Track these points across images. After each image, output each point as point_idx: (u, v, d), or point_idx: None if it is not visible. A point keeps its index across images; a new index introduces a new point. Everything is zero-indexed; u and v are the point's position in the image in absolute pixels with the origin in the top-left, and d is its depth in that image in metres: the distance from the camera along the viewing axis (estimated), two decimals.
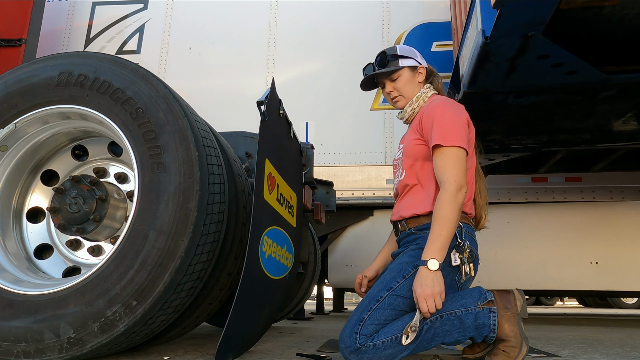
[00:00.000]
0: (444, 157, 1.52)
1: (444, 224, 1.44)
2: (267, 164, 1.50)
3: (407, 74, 1.73)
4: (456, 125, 1.55)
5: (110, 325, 1.28)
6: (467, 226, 1.58)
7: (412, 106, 1.72)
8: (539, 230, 3.66)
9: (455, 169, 1.50)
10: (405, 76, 1.73)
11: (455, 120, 1.56)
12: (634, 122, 2.38)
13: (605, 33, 1.86)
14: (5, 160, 1.63)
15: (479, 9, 1.80)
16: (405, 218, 1.63)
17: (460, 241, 1.51)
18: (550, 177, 3.68)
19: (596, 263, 3.55)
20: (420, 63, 1.76)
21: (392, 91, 1.75)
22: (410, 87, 1.73)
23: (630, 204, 3.60)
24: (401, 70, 1.73)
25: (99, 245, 1.65)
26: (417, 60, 1.75)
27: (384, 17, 4.00)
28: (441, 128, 1.54)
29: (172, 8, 4.26)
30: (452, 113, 1.58)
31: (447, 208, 1.45)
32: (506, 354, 1.43)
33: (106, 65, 1.51)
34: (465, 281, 1.54)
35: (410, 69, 1.74)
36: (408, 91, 1.73)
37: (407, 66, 1.73)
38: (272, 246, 1.55)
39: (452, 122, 1.55)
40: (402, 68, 1.73)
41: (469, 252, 1.50)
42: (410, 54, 1.76)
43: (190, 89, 3.95)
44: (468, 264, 1.50)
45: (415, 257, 1.51)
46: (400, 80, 1.73)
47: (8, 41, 3.52)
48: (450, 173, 1.49)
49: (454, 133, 1.53)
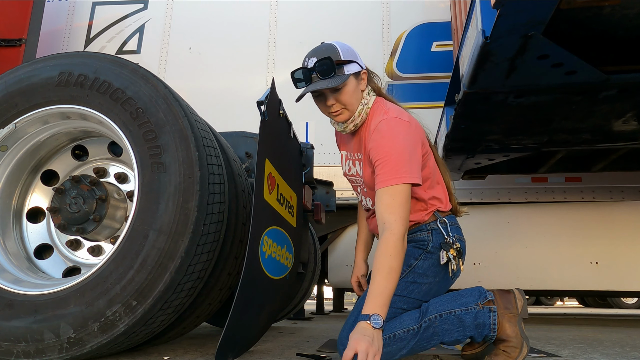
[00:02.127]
0: (393, 194, 1.36)
1: (391, 275, 1.28)
2: (267, 164, 1.50)
3: (352, 83, 1.48)
4: (406, 157, 1.39)
5: (110, 325, 1.28)
6: (451, 217, 1.60)
7: (354, 122, 1.52)
8: (539, 230, 3.66)
9: (402, 208, 1.35)
10: (350, 86, 1.47)
11: (405, 151, 1.40)
12: (634, 122, 2.38)
13: (605, 33, 1.86)
14: (5, 160, 1.63)
15: (479, 9, 1.80)
16: None
17: (447, 238, 1.51)
18: (550, 177, 3.68)
19: (596, 263, 3.55)
20: (362, 67, 1.52)
21: (334, 104, 1.48)
22: (356, 98, 1.50)
23: (630, 204, 3.60)
24: (347, 80, 1.46)
25: (99, 245, 1.65)
26: (359, 64, 1.50)
27: (384, 17, 4.00)
28: (391, 166, 1.38)
29: (172, 8, 4.26)
30: (401, 144, 1.41)
31: (394, 257, 1.30)
32: (507, 354, 1.43)
33: (106, 65, 1.51)
34: (457, 270, 1.55)
35: (354, 76, 1.49)
36: (353, 103, 1.49)
37: (352, 73, 1.47)
38: (272, 246, 1.55)
39: (401, 156, 1.39)
40: (347, 77, 1.46)
41: (456, 249, 1.51)
42: (352, 57, 1.49)
43: (190, 89, 3.94)
44: (456, 261, 1.50)
45: (409, 256, 1.51)
46: (346, 92, 1.47)
47: (8, 41, 3.52)
48: (398, 214, 1.34)
49: (404, 168, 1.37)
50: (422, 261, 1.51)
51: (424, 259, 1.51)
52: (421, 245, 1.53)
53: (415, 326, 1.41)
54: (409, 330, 1.41)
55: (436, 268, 1.50)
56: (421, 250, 1.52)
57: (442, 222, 1.55)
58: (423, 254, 1.52)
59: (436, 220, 1.56)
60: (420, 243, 1.54)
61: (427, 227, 1.55)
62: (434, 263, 1.50)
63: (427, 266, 1.50)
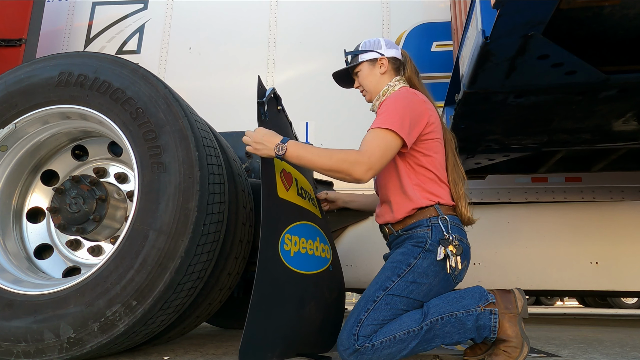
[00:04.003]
0: (375, 135, 1.51)
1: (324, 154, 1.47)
2: (276, 162, 1.50)
3: (366, 68, 1.77)
4: (399, 113, 1.53)
5: (110, 325, 1.28)
6: (453, 217, 1.59)
7: (379, 100, 1.73)
8: (539, 230, 3.66)
9: (378, 149, 1.48)
10: (364, 70, 1.77)
11: (400, 109, 1.55)
12: (634, 122, 2.38)
13: (605, 33, 1.86)
14: (5, 160, 1.63)
15: (479, 9, 1.80)
16: (391, 222, 1.64)
17: (446, 234, 1.51)
18: (550, 177, 3.67)
19: (596, 263, 3.55)
20: (382, 54, 1.76)
21: (359, 86, 1.81)
22: (371, 81, 1.76)
23: (630, 204, 3.59)
24: (360, 65, 1.78)
25: (99, 245, 1.65)
26: (379, 52, 1.76)
27: (384, 17, 4.00)
28: (383, 116, 1.54)
29: (172, 8, 4.26)
30: (400, 103, 1.57)
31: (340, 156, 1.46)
32: (507, 354, 1.43)
33: (106, 65, 1.51)
34: (460, 272, 1.54)
35: (369, 63, 1.76)
36: (369, 85, 1.76)
37: (365, 60, 1.76)
38: (299, 242, 1.53)
39: (395, 110, 1.54)
40: (360, 63, 1.77)
41: (456, 246, 1.50)
42: (372, 47, 1.78)
43: (190, 89, 3.94)
44: (455, 257, 1.49)
45: (408, 255, 1.51)
46: (360, 75, 1.78)
47: (8, 41, 3.52)
48: (372, 150, 1.47)
49: (394, 119, 1.51)
50: (421, 260, 1.50)
51: (422, 257, 1.51)
52: (419, 244, 1.53)
53: (415, 327, 1.41)
54: (409, 332, 1.41)
55: (436, 267, 1.50)
56: (420, 248, 1.52)
57: (443, 219, 1.55)
58: (422, 252, 1.51)
59: (437, 216, 1.55)
60: (419, 241, 1.53)
61: (427, 222, 1.55)
62: (433, 262, 1.50)
63: (426, 265, 1.50)
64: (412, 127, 1.54)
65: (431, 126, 1.60)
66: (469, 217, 1.65)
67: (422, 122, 1.58)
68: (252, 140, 1.50)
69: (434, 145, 1.61)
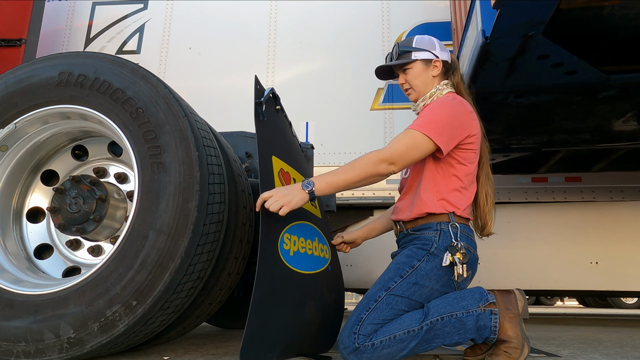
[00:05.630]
0: (407, 134, 1.51)
1: (348, 169, 1.46)
2: (274, 161, 1.49)
3: (418, 67, 1.70)
4: (441, 119, 1.52)
5: (110, 325, 1.28)
6: (465, 226, 1.58)
7: (425, 102, 1.70)
8: (539, 230, 3.66)
9: (403, 147, 1.48)
10: (416, 69, 1.70)
11: (445, 116, 1.53)
12: (634, 122, 2.38)
13: (605, 33, 1.86)
14: (5, 160, 1.63)
15: (479, 9, 1.80)
16: (403, 220, 1.64)
17: (455, 242, 1.51)
18: (550, 177, 3.67)
19: (596, 263, 3.55)
20: (437, 56, 1.70)
21: (404, 83, 1.74)
22: (422, 81, 1.70)
23: (630, 204, 3.59)
24: (413, 63, 1.70)
25: (99, 245, 1.65)
26: (434, 53, 1.70)
27: (384, 16, 4.00)
28: (422, 119, 1.53)
29: (172, 8, 4.26)
30: (446, 110, 1.55)
31: (363, 162, 1.46)
32: (508, 354, 1.42)
33: (106, 65, 1.51)
34: (463, 281, 1.54)
35: (423, 62, 1.70)
36: (418, 85, 1.70)
37: (419, 59, 1.70)
38: (297, 242, 1.52)
39: (439, 116, 1.53)
40: (413, 61, 1.70)
41: (463, 254, 1.49)
42: (427, 47, 1.71)
43: (190, 89, 3.94)
44: (461, 265, 1.48)
45: (412, 257, 1.51)
46: (411, 73, 1.71)
47: (8, 41, 3.52)
48: (396, 146, 1.48)
49: (432, 124, 1.50)
50: (425, 263, 1.50)
51: (426, 260, 1.50)
52: (425, 247, 1.53)
53: (415, 327, 1.41)
54: (409, 331, 1.41)
55: (439, 271, 1.49)
56: (424, 251, 1.52)
57: (453, 226, 1.54)
58: (426, 255, 1.51)
59: (448, 222, 1.54)
60: (424, 244, 1.53)
61: (437, 226, 1.54)
62: (436, 266, 1.49)
63: (429, 268, 1.50)
64: (451, 135, 1.52)
65: (472, 137, 1.59)
66: (490, 231, 1.68)
67: (464, 132, 1.56)
68: (275, 200, 1.37)
69: (470, 155, 1.60)
